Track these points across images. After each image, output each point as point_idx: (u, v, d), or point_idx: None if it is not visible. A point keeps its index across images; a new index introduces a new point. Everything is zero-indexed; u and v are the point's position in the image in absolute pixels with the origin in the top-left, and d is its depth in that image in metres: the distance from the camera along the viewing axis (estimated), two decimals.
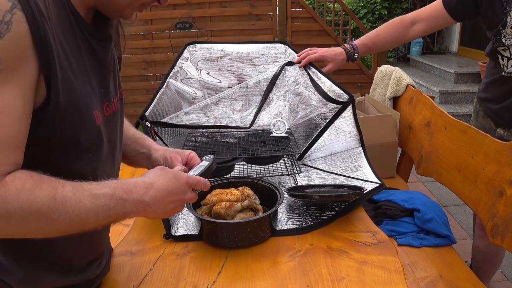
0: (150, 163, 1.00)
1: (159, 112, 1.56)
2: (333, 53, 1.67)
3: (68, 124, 0.69)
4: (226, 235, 1.09)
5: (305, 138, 1.66)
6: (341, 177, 1.46)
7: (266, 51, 1.74)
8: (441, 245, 1.56)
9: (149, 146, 1.02)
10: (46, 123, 0.66)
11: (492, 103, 1.58)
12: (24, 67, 0.61)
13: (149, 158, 1.00)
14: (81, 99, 0.72)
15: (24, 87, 0.61)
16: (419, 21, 1.63)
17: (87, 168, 0.77)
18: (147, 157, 1.01)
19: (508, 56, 1.44)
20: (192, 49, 1.72)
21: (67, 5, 0.71)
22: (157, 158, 0.98)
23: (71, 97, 0.69)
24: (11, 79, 0.60)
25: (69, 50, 0.70)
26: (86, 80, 0.74)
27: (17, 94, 0.60)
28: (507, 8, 1.37)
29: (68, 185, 0.65)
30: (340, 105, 1.52)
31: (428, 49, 6.14)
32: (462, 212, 2.83)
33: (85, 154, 0.75)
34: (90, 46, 0.76)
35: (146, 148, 1.02)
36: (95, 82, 0.78)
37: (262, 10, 4.43)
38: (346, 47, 1.69)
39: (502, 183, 1.30)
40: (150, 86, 4.53)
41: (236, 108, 1.72)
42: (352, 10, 6.06)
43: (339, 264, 1.01)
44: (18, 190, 0.60)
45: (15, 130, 0.61)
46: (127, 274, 1.00)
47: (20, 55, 0.60)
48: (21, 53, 0.60)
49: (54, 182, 0.64)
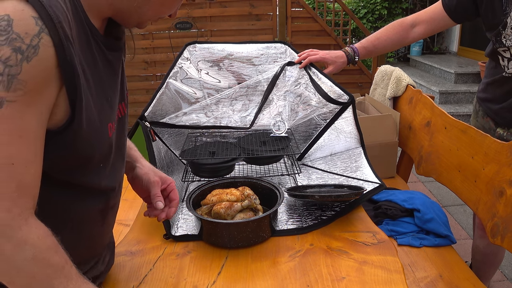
0: (132, 175, 1.01)
1: (158, 112, 1.56)
2: (334, 56, 1.68)
3: (85, 144, 0.71)
4: (226, 235, 1.09)
5: (305, 138, 1.66)
6: (341, 177, 1.46)
7: (266, 51, 1.74)
8: (441, 245, 1.56)
9: (136, 158, 1.03)
10: (63, 144, 0.68)
11: (493, 103, 1.58)
12: (46, 91, 0.62)
13: (132, 170, 1.01)
14: (98, 118, 0.73)
15: (43, 112, 0.63)
16: (419, 24, 1.64)
17: (95, 178, 0.78)
18: (130, 167, 1.01)
19: (508, 57, 1.44)
20: (192, 49, 1.72)
21: (84, 19, 0.71)
22: (141, 175, 1.00)
23: (89, 118, 0.70)
24: (33, 102, 0.61)
25: (86, 68, 0.71)
26: (102, 95, 0.76)
27: (36, 117, 0.62)
28: (507, 9, 1.37)
29: (74, 270, 0.68)
30: (340, 105, 1.52)
31: (428, 49, 6.14)
32: (462, 212, 2.83)
33: (96, 166, 0.77)
34: (105, 58, 0.77)
35: (131, 158, 1.02)
36: (109, 94, 0.79)
37: (262, 10, 4.42)
38: (347, 50, 1.70)
39: (502, 183, 1.30)
40: (150, 86, 4.53)
41: (236, 108, 1.72)
42: (352, 10, 6.06)
43: (339, 264, 1.01)
44: (38, 239, 0.61)
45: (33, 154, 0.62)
46: (127, 274, 1.00)
47: (45, 79, 0.61)
48: (45, 77, 0.61)
49: (66, 256, 0.67)
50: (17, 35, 0.58)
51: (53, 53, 0.61)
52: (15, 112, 0.59)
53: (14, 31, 0.58)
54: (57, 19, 0.61)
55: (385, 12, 6.12)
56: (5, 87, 0.58)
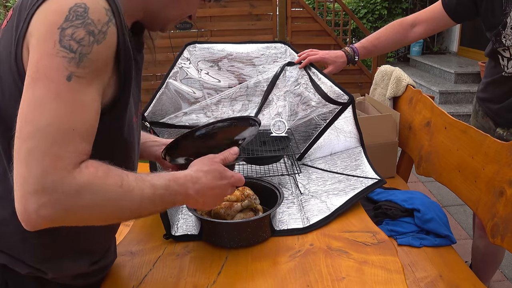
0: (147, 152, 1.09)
1: (158, 112, 1.56)
2: (334, 56, 1.68)
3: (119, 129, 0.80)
4: (226, 235, 1.09)
5: (305, 138, 1.66)
6: (341, 175, 1.46)
7: (266, 51, 1.74)
8: (441, 245, 1.56)
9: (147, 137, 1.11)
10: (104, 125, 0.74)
11: (492, 103, 1.58)
12: (105, 73, 0.71)
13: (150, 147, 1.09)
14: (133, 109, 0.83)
15: (100, 90, 0.71)
16: (419, 24, 1.64)
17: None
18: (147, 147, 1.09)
19: (508, 57, 1.44)
20: (192, 49, 1.72)
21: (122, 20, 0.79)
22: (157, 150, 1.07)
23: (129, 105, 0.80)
24: (95, 80, 0.69)
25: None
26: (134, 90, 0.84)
27: (96, 94, 0.70)
28: (507, 9, 1.37)
29: (131, 175, 0.73)
30: (340, 105, 1.52)
31: (428, 49, 6.14)
32: (462, 212, 2.83)
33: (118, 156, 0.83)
34: (135, 59, 0.83)
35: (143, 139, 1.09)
36: (136, 91, 0.86)
37: (262, 10, 4.43)
38: (347, 50, 1.70)
39: (502, 183, 1.30)
40: (150, 86, 4.53)
41: (236, 109, 1.72)
42: (352, 10, 6.06)
43: (339, 264, 1.01)
44: (92, 176, 0.67)
45: (93, 125, 0.70)
46: (127, 274, 1.00)
47: (106, 62, 0.71)
48: (107, 60, 0.71)
49: (119, 171, 0.72)
50: (92, 21, 0.67)
51: (116, 41, 0.71)
52: (81, 86, 0.67)
53: (89, 17, 0.67)
54: (121, 14, 0.72)
55: (385, 12, 6.12)
56: (76, 63, 0.66)
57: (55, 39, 0.65)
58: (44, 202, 0.63)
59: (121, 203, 0.70)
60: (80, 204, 0.66)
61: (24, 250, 0.80)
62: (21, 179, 0.63)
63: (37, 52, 0.66)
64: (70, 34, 0.66)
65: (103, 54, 0.69)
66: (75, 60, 0.66)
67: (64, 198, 0.64)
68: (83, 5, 0.67)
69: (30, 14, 0.68)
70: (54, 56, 0.65)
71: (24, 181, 0.63)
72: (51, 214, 0.63)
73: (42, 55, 0.65)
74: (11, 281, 0.81)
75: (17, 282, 0.81)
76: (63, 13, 0.66)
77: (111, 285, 0.97)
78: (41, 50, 0.66)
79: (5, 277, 0.80)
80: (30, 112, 0.64)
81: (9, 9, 4.78)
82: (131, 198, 0.71)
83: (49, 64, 0.65)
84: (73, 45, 0.66)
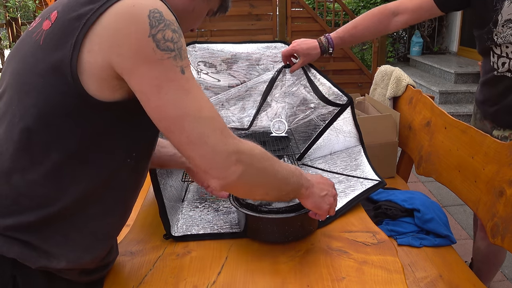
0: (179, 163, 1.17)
1: None
2: (306, 47, 1.60)
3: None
4: (276, 230, 1.08)
5: (305, 138, 1.66)
6: (341, 176, 1.46)
7: (266, 51, 1.74)
8: (441, 245, 1.56)
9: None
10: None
11: (488, 106, 1.56)
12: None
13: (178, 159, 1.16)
14: None
15: None
16: (402, 12, 1.55)
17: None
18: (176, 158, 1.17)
19: (498, 54, 1.42)
20: (191, 49, 1.72)
21: None
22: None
23: None
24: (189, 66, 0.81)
25: None
26: None
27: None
28: (497, 5, 1.35)
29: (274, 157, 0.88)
30: (339, 107, 1.52)
31: (428, 49, 6.14)
32: (462, 212, 2.83)
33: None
34: None
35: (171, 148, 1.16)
36: None
37: (262, 10, 4.43)
38: (321, 40, 1.62)
39: (502, 183, 1.30)
40: None
41: (236, 109, 1.72)
42: (352, 10, 6.06)
43: (339, 264, 1.01)
44: (252, 144, 0.82)
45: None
46: (127, 274, 1.00)
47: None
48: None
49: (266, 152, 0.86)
50: (170, 21, 0.77)
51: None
52: (190, 73, 0.78)
53: (166, 19, 0.76)
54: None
55: None
56: (180, 58, 0.77)
57: (152, 46, 0.73)
58: (236, 160, 0.77)
59: (277, 176, 0.86)
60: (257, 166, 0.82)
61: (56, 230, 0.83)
62: (209, 154, 0.76)
63: (136, 64, 0.73)
64: (162, 37, 0.74)
65: (185, 44, 0.80)
66: (177, 56, 0.76)
67: (246, 157, 0.79)
68: (156, 10, 0.75)
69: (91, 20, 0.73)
70: (161, 61, 0.74)
71: (212, 156, 0.76)
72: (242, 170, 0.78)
73: (149, 65, 0.73)
74: (20, 276, 0.81)
75: (26, 277, 0.82)
76: (145, 22, 0.73)
77: (111, 285, 0.97)
78: (140, 61, 0.73)
79: (13, 272, 0.81)
80: (177, 109, 0.75)
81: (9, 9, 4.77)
82: (281, 175, 0.87)
83: (162, 69, 0.74)
84: (170, 45, 0.75)
